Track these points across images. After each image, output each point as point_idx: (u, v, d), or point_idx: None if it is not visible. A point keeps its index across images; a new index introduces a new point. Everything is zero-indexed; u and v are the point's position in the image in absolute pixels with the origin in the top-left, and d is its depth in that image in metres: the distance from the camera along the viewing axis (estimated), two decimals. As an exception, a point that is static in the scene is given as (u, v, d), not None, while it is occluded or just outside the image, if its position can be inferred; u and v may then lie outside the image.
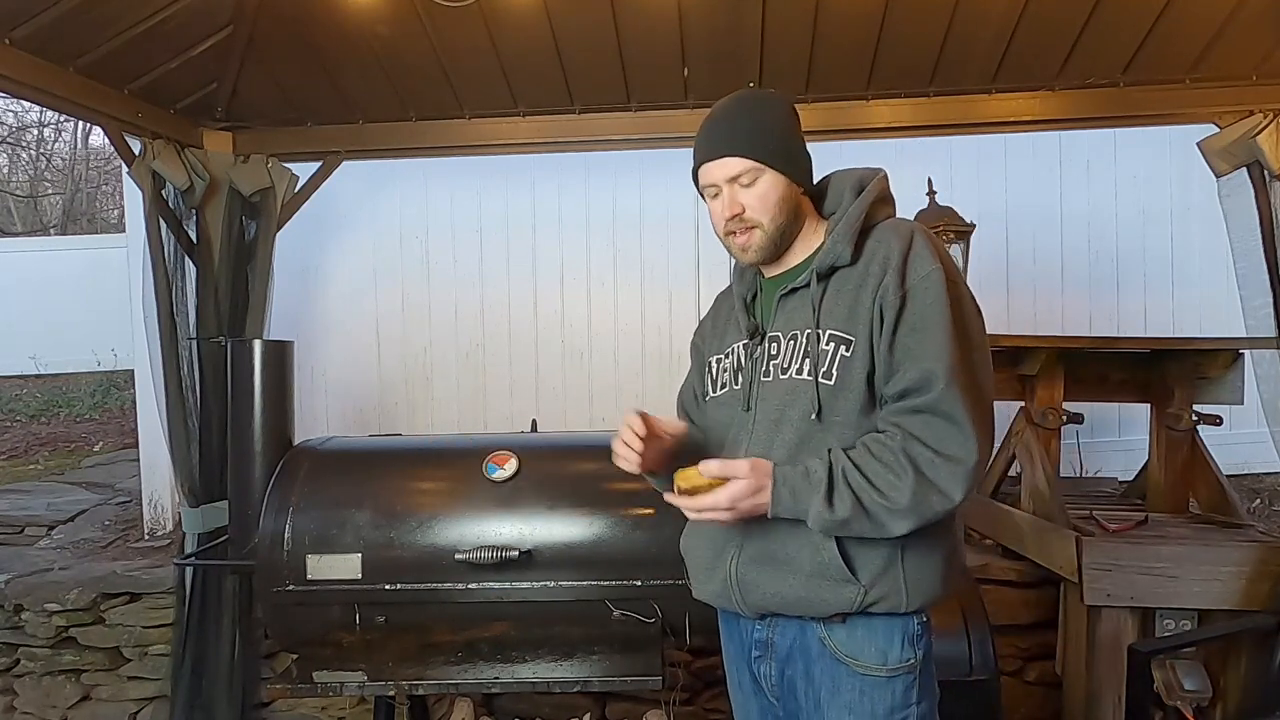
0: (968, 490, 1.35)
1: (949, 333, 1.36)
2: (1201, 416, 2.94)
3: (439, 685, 2.08)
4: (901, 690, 1.45)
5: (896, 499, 1.34)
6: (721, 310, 1.71)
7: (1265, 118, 2.74)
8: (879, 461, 1.36)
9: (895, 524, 1.35)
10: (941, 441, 1.33)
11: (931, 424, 1.35)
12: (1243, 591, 2.56)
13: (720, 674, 3.18)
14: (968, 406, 1.34)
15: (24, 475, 5.66)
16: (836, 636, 1.45)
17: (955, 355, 1.35)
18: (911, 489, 1.33)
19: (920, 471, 1.33)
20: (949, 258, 1.45)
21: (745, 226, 1.50)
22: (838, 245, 1.46)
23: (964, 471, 1.34)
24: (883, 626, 1.44)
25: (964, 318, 1.40)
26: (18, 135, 13.09)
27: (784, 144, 1.50)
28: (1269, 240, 2.78)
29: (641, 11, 2.64)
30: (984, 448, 1.35)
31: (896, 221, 1.50)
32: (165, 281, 2.87)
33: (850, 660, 1.44)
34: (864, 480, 1.35)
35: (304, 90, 2.99)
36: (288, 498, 2.30)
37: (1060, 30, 2.70)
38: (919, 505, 1.34)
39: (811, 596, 1.43)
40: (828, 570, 1.41)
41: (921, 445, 1.34)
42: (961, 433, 1.33)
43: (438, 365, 4.42)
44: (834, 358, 1.42)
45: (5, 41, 2.28)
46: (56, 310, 8.33)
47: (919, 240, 1.43)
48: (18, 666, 3.48)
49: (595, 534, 2.22)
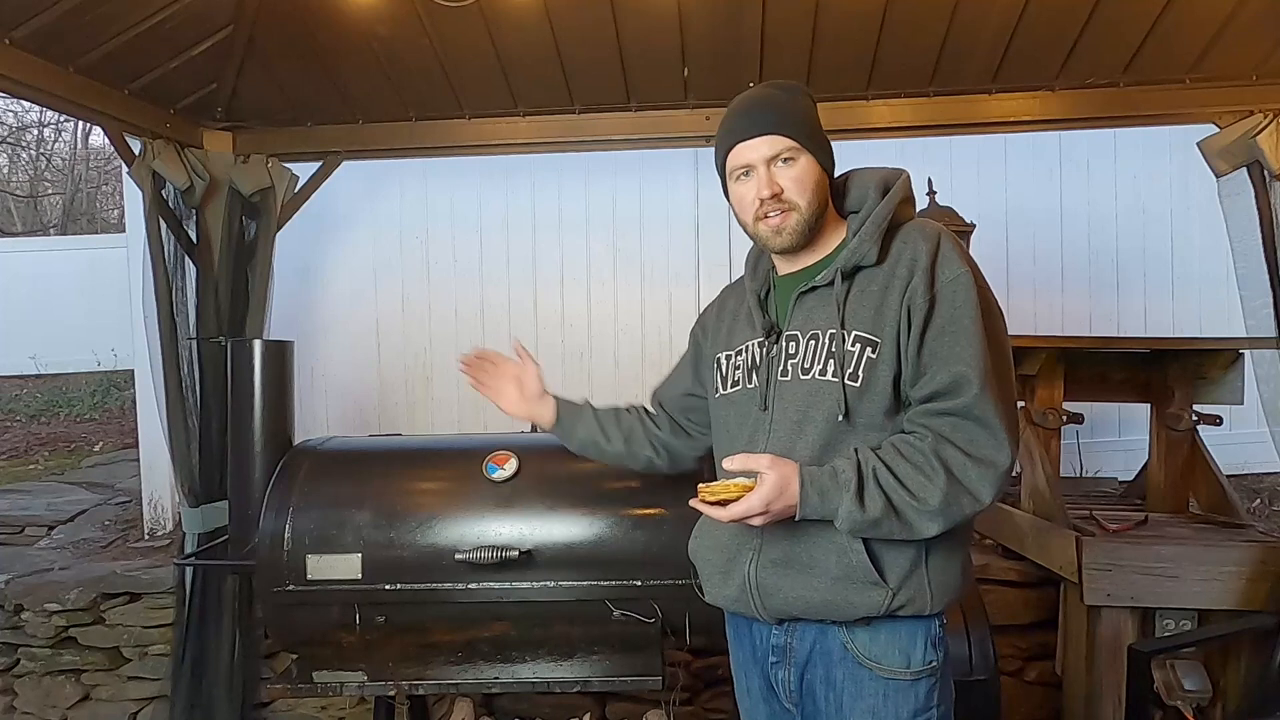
0: (997, 493, 1.37)
1: (980, 336, 1.37)
2: (1201, 416, 2.94)
3: (439, 685, 2.08)
4: (924, 692, 1.45)
5: (928, 500, 1.34)
6: (728, 305, 1.68)
7: (1265, 118, 2.74)
8: (909, 463, 1.36)
9: (925, 525, 1.35)
10: (974, 444, 1.35)
11: (962, 427, 1.36)
12: (1243, 591, 2.56)
13: (721, 674, 3.20)
14: (1000, 411, 1.36)
15: (24, 475, 5.66)
16: (859, 640, 1.44)
17: (987, 359, 1.37)
18: (943, 491, 1.34)
19: (952, 473, 1.34)
20: (974, 261, 1.46)
21: (783, 208, 1.46)
22: (864, 245, 1.44)
23: (995, 474, 1.36)
24: (906, 629, 1.44)
25: (992, 322, 1.41)
26: (18, 135, 13.10)
27: (819, 131, 1.51)
28: (1269, 240, 2.78)
29: (641, 11, 2.64)
30: (1014, 450, 1.37)
31: (923, 222, 1.49)
32: (165, 281, 2.87)
33: (874, 664, 1.44)
34: (895, 480, 1.35)
35: (304, 90, 2.98)
36: (288, 498, 2.29)
37: (1060, 30, 2.70)
38: (949, 507, 1.35)
39: (838, 600, 1.42)
40: (855, 573, 1.40)
41: (954, 448, 1.35)
42: (994, 436, 1.35)
43: (438, 365, 4.42)
44: (860, 359, 1.41)
45: (5, 41, 2.28)
46: (56, 310, 8.34)
47: (946, 243, 1.43)
48: (18, 666, 3.48)
49: (595, 534, 2.22)
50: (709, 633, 2.29)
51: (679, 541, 2.19)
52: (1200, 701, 2.48)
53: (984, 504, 1.37)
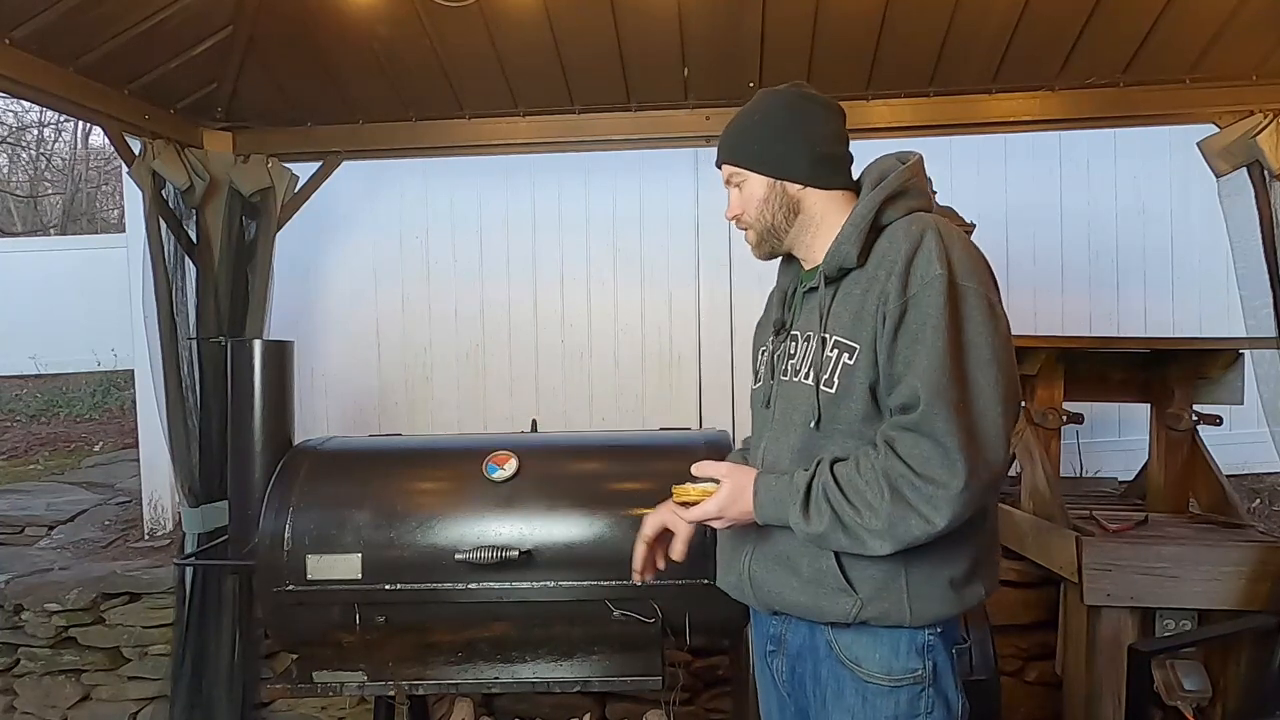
0: (955, 515, 1.27)
1: (938, 346, 1.28)
2: (1201, 416, 2.94)
3: (439, 685, 2.08)
4: (906, 700, 1.39)
5: (871, 519, 1.29)
6: (772, 299, 1.69)
7: (1265, 118, 2.74)
8: (862, 479, 1.31)
9: (875, 544, 1.29)
10: (924, 463, 1.26)
11: (919, 444, 1.27)
12: (1243, 591, 2.56)
13: (721, 674, 3.20)
14: (956, 427, 1.25)
15: (24, 475, 5.66)
16: (843, 640, 1.42)
17: (945, 370, 1.27)
18: (888, 511, 1.28)
19: (899, 493, 1.27)
20: (969, 257, 1.35)
21: (744, 227, 1.56)
22: (843, 247, 1.41)
23: (947, 496, 1.25)
24: (888, 635, 1.39)
25: (964, 326, 1.30)
26: (18, 135, 13.10)
27: (769, 144, 1.50)
28: (1269, 240, 2.77)
29: (641, 11, 2.64)
30: (976, 471, 1.25)
31: (913, 218, 1.39)
32: (165, 281, 2.87)
33: (854, 666, 1.41)
34: (842, 497, 1.31)
35: (304, 90, 2.98)
36: (288, 498, 2.30)
37: (1060, 30, 2.70)
38: (895, 528, 1.28)
39: (809, 602, 1.42)
40: (825, 578, 1.39)
41: (904, 465, 1.27)
42: (946, 455, 1.25)
43: (438, 365, 4.42)
44: (837, 365, 1.38)
45: (5, 41, 2.28)
46: (56, 310, 8.34)
47: (929, 240, 1.33)
48: (18, 666, 3.48)
49: (595, 534, 2.22)
50: (709, 632, 2.30)
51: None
52: (1200, 701, 2.48)
53: (937, 526, 1.27)
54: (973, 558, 1.41)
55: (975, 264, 1.35)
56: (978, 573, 1.42)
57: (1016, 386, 1.33)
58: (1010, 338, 1.35)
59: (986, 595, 1.44)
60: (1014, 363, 1.34)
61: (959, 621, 1.47)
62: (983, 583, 1.43)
